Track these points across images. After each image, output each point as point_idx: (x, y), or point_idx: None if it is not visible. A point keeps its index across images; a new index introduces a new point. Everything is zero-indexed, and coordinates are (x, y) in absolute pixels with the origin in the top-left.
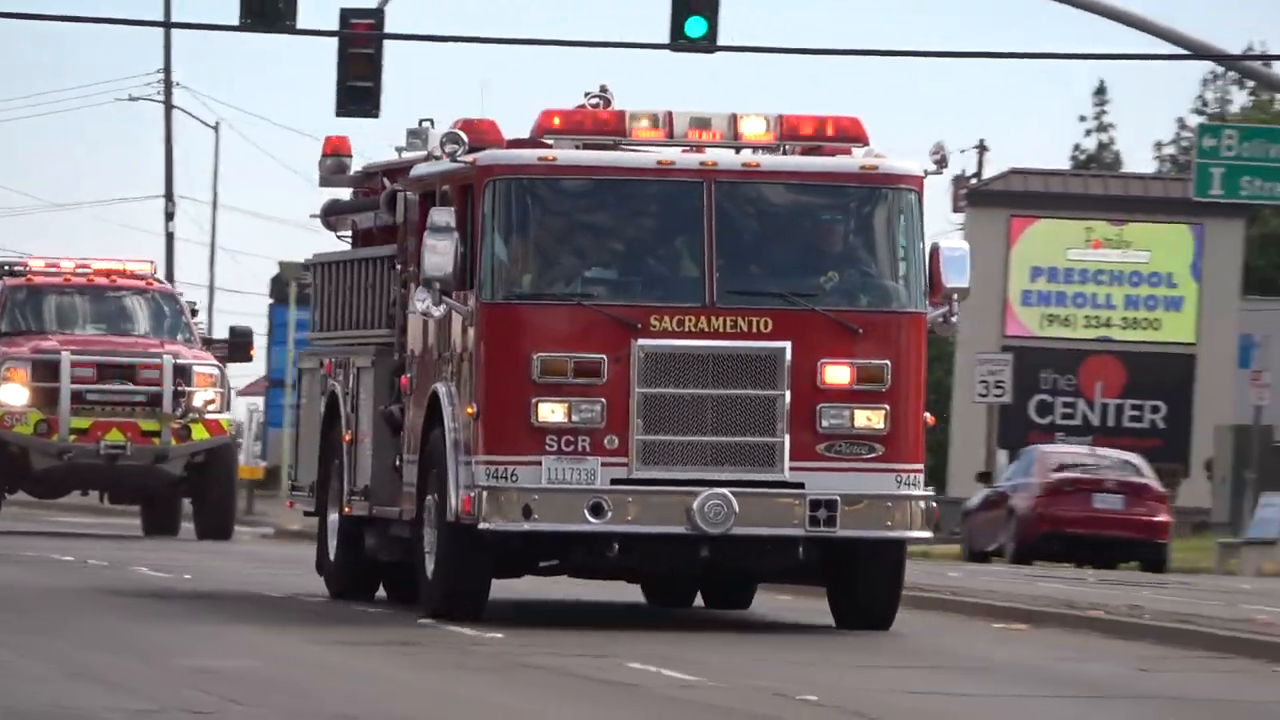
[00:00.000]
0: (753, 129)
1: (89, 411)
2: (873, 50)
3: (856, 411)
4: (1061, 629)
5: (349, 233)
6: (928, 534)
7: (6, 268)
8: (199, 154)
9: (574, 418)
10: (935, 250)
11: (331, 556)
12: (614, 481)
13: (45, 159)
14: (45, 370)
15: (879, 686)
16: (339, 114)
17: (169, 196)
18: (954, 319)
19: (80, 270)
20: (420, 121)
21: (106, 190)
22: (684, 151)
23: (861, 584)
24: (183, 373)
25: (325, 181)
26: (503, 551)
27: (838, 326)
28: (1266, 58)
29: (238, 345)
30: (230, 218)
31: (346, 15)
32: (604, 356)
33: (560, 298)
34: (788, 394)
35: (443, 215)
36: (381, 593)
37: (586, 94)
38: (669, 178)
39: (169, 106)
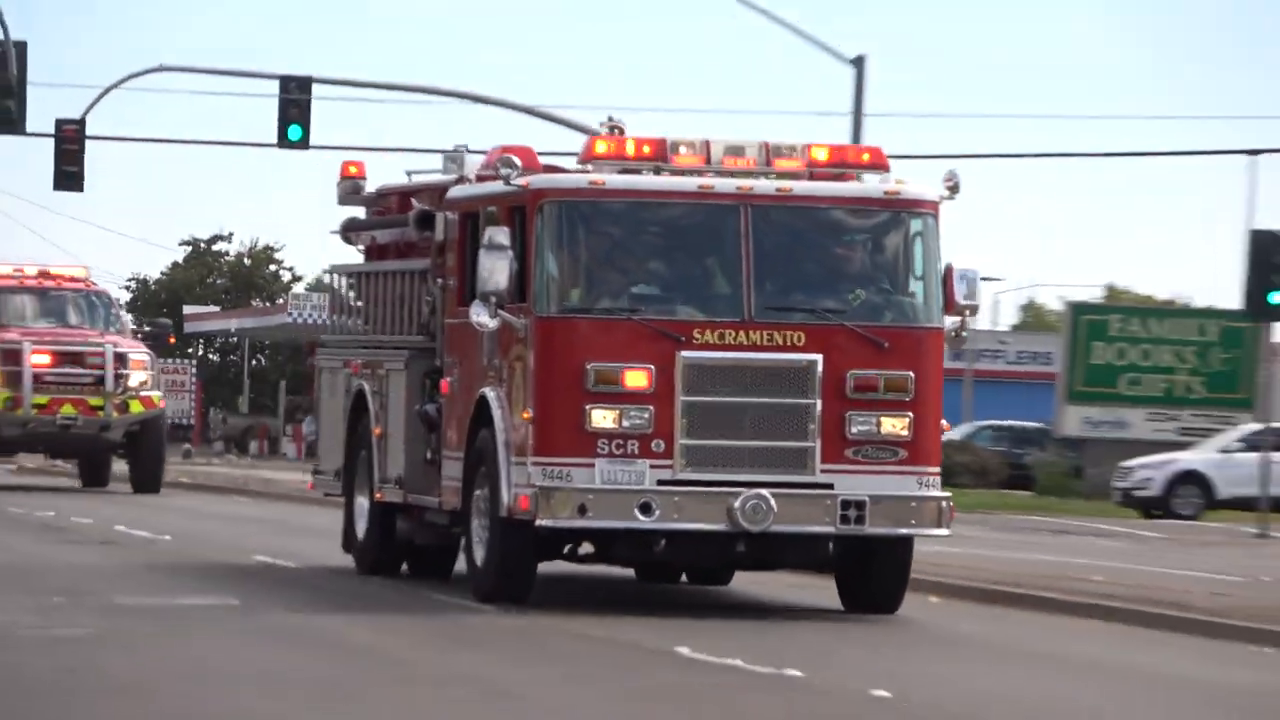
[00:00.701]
0: (783, 156)
1: (47, 390)
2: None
3: (883, 419)
4: None
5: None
6: (946, 531)
7: None
8: None
9: (624, 423)
10: (949, 270)
11: (360, 536)
12: (660, 482)
13: None
14: (10, 358)
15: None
16: (55, 189)
17: None
18: (965, 333)
19: (31, 274)
20: (455, 146)
21: None
22: (721, 177)
23: (875, 574)
24: (121, 358)
25: (343, 200)
26: (545, 542)
27: (865, 340)
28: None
29: (158, 336)
30: None
31: (60, 123)
32: (651, 366)
33: (610, 312)
34: (819, 402)
35: (499, 234)
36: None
37: (601, 124)
38: (709, 201)
39: None
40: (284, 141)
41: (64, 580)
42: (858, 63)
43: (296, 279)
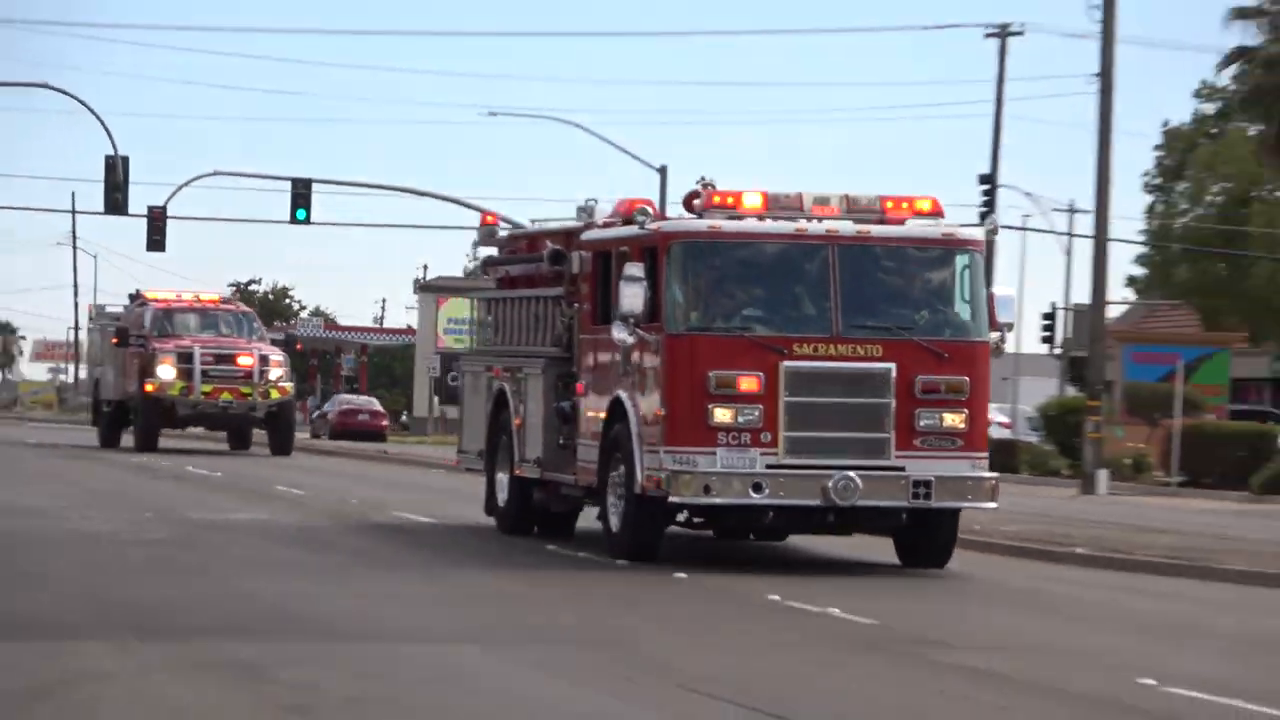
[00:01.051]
0: (860, 205)
1: (210, 381)
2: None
3: (944, 415)
4: None
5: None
6: (994, 504)
7: (136, 295)
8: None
9: (739, 419)
10: (990, 295)
11: (501, 503)
12: (768, 466)
13: None
14: (184, 358)
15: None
16: (147, 250)
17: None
18: (1004, 345)
19: (197, 300)
20: (586, 200)
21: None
22: (811, 222)
23: (932, 538)
24: (264, 360)
25: (482, 242)
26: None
27: (929, 352)
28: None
29: (289, 343)
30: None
31: (150, 208)
32: (760, 374)
33: (726, 330)
34: (893, 401)
35: (634, 268)
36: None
37: (696, 182)
38: (803, 242)
39: (75, 248)
40: (294, 220)
41: (158, 502)
42: (662, 171)
43: (302, 308)
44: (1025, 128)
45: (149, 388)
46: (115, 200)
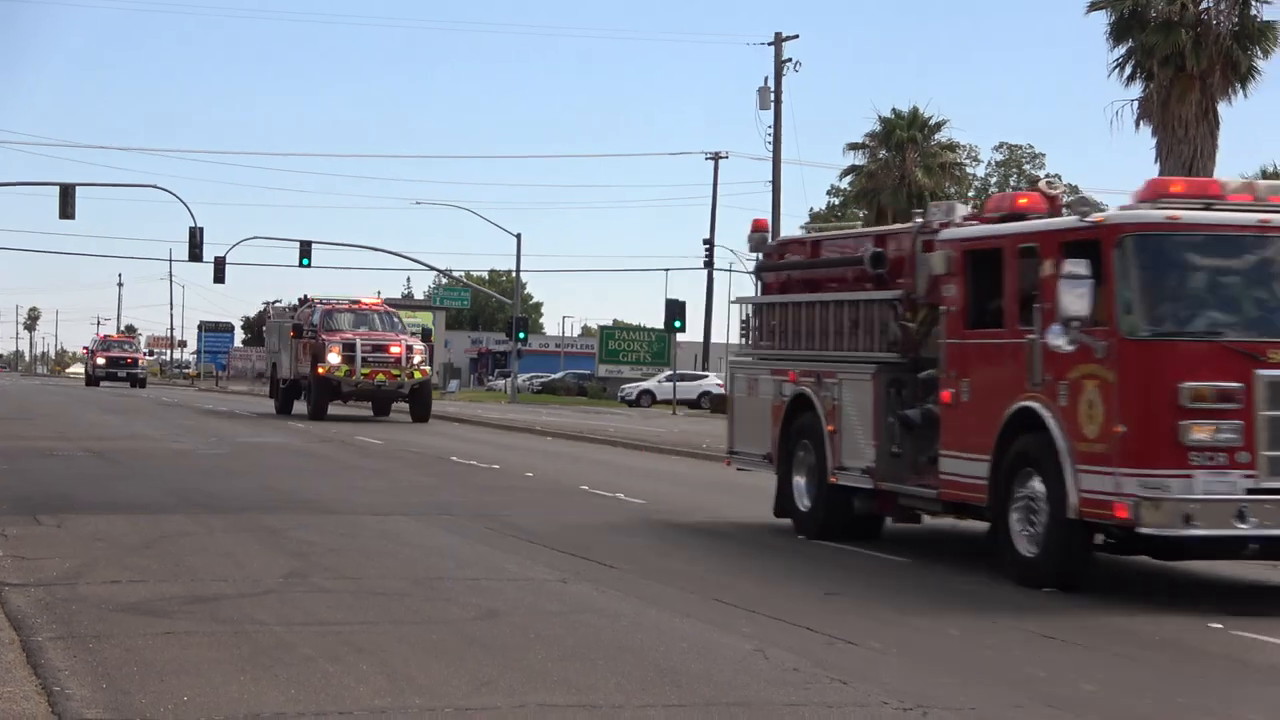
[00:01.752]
0: None
1: (368, 366)
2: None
3: None
4: None
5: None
6: None
7: (305, 299)
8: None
9: (1217, 437)
10: None
11: (803, 509)
12: (1248, 491)
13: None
14: (348, 348)
15: None
16: (214, 282)
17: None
18: None
19: (355, 303)
20: (931, 198)
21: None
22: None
23: None
24: (409, 348)
25: (754, 248)
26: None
27: None
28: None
29: (425, 335)
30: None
31: (216, 258)
32: (1241, 384)
33: (1194, 335)
34: None
35: (1080, 265)
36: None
37: (1043, 177)
38: (1269, 234)
39: (171, 281)
40: (300, 264)
41: (222, 433)
42: (518, 237)
43: None
44: (730, 213)
45: (320, 370)
46: (195, 253)
